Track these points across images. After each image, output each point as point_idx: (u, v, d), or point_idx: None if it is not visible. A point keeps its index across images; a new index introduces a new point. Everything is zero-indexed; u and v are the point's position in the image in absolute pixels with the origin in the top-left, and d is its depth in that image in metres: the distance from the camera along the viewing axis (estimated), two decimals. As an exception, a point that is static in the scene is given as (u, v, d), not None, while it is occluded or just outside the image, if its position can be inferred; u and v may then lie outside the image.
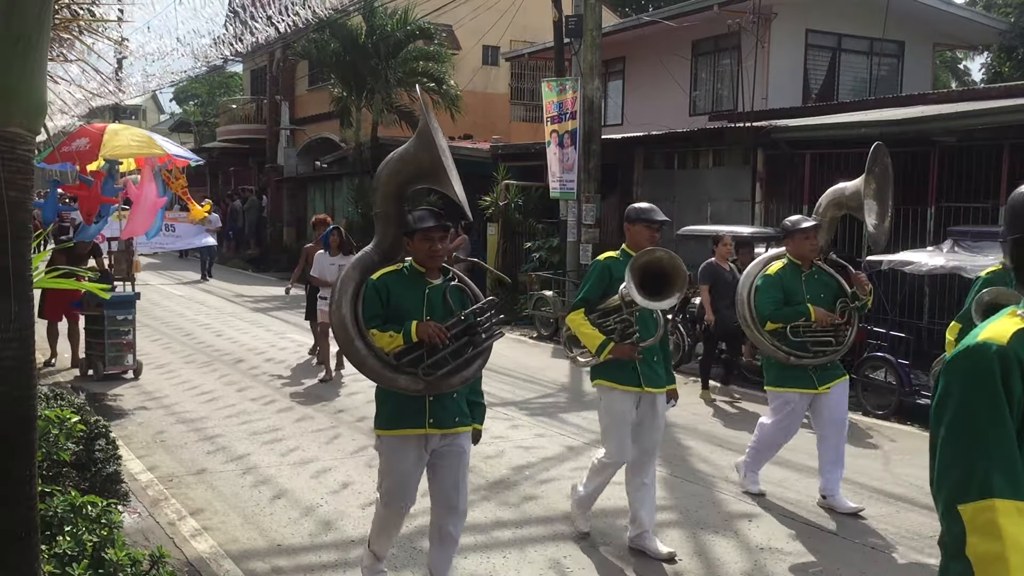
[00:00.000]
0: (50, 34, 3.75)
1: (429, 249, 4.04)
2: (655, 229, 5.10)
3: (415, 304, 4.03)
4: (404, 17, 21.00)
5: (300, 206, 27.52)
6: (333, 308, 4.01)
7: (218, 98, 47.63)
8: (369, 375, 3.99)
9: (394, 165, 4.08)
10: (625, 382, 5.01)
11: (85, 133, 9.76)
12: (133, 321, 9.93)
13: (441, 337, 3.91)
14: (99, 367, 9.72)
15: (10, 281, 3.11)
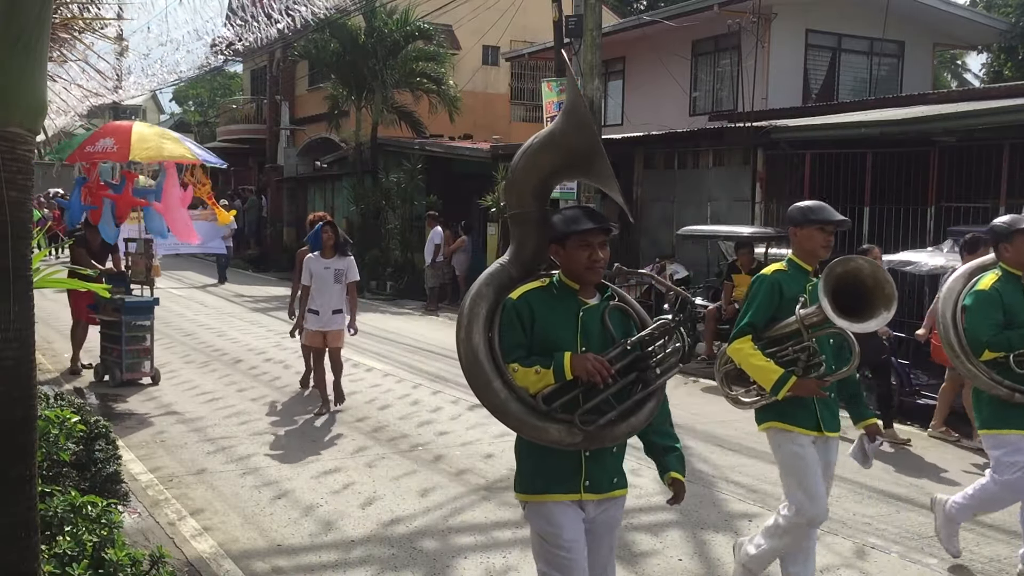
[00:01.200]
0: (50, 34, 3.75)
1: (588, 259, 3.13)
2: (830, 232, 4.16)
3: (567, 330, 3.13)
4: (404, 17, 21.01)
5: (300, 206, 27.53)
6: (461, 337, 3.07)
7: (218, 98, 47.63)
8: (511, 424, 3.04)
9: (536, 154, 3.25)
10: (803, 423, 4.12)
11: (110, 132, 9.32)
12: (151, 327, 9.59)
13: (603, 373, 2.98)
14: (116, 374, 9.39)
15: (10, 281, 3.11)
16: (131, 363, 9.41)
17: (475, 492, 6.20)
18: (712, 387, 10.09)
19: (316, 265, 8.34)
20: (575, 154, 3.13)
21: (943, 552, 5.21)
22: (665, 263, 12.98)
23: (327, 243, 8.32)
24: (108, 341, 9.58)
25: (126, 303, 9.38)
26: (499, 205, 16.14)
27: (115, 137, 9.04)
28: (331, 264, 8.31)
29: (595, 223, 3.17)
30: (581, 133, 3.07)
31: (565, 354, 3.01)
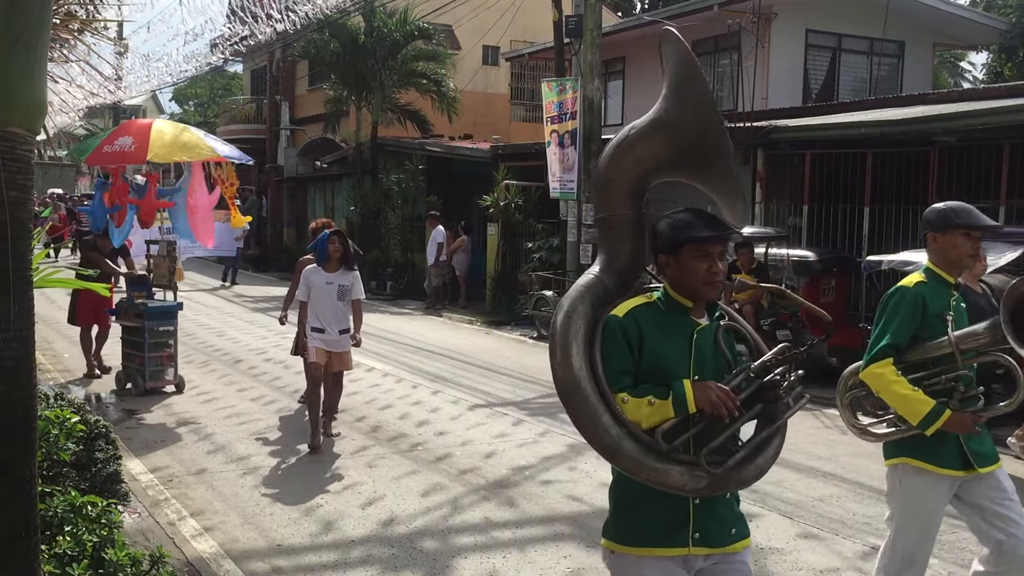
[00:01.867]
0: (50, 34, 3.75)
1: (707, 271, 2.66)
2: (977, 238, 3.65)
3: (678, 354, 2.69)
4: (404, 17, 21.01)
5: (300, 206, 27.55)
6: (558, 361, 2.63)
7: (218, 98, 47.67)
8: (624, 465, 2.55)
9: (634, 146, 2.71)
10: (946, 463, 3.62)
11: (128, 131, 8.79)
12: (175, 332, 9.16)
13: (730, 406, 2.55)
14: (139, 382, 8.99)
15: (10, 281, 3.11)
16: (154, 371, 9.02)
17: (475, 492, 6.20)
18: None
19: (317, 278, 7.24)
20: (692, 146, 2.60)
21: (943, 552, 5.21)
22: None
23: (333, 255, 7.24)
24: (130, 348, 9.17)
25: (148, 308, 8.98)
26: (499, 205, 16.15)
27: (133, 135, 8.52)
28: (334, 279, 7.25)
29: (716, 230, 2.67)
30: (701, 121, 2.54)
31: (685, 383, 2.58)
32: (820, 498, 6.20)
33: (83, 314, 9.68)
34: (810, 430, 8.02)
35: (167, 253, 9.39)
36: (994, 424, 8.51)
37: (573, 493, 6.21)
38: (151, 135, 8.39)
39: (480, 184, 17.34)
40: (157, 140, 8.36)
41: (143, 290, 9.35)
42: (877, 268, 8.98)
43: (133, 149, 8.34)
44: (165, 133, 8.56)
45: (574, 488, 6.32)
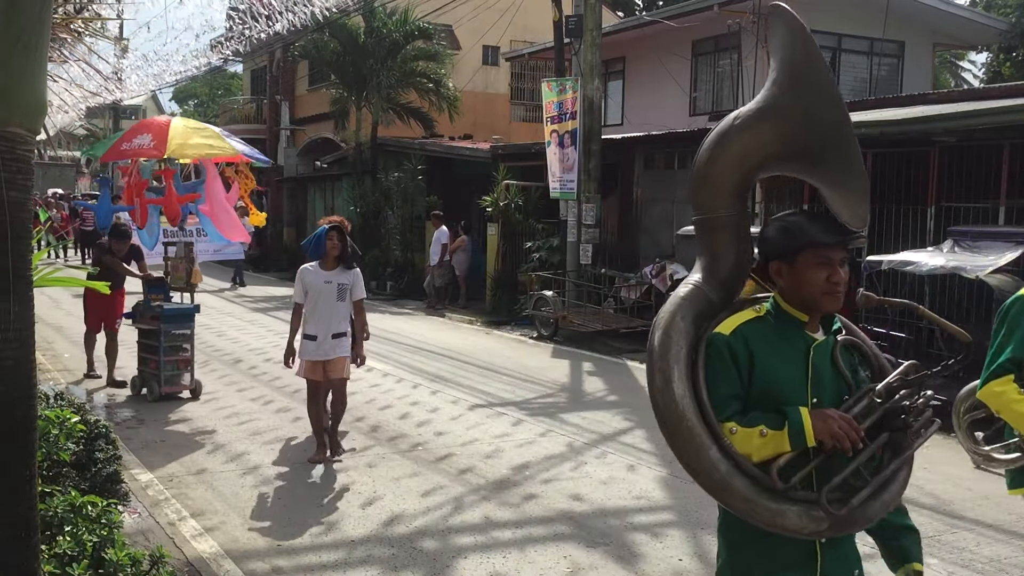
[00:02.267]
0: (50, 34, 3.75)
1: (828, 281, 2.37)
2: None
3: (793, 376, 2.38)
4: (404, 17, 21.02)
5: (300, 206, 27.56)
6: (657, 385, 2.33)
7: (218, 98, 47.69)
8: (735, 506, 2.27)
9: (739, 136, 2.39)
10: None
11: (147, 128, 8.65)
12: (192, 336, 8.92)
13: (853, 437, 2.25)
14: (154, 387, 8.70)
15: (10, 281, 3.11)
16: (170, 375, 8.75)
17: (475, 492, 6.21)
18: None
19: (314, 278, 6.69)
20: (803, 137, 2.31)
21: (943, 552, 5.22)
22: (665, 263, 12.98)
23: (330, 252, 6.69)
24: (145, 352, 8.90)
25: (164, 311, 8.70)
26: (499, 205, 16.16)
27: (152, 133, 8.40)
28: (333, 277, 6.69)
29: (838, 234, 2.38)
30: (816, 104, 2.26)
31: (802, 411, 2.28)
32: (820, 498, 6.19)
33: (92, 315, 9.58)
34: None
35: (184, 255, 9.17)
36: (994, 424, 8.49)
37: (573, 493, 6.21)
38: (170, 132, 8.31)
39: (480, 184, 17.34)
40: (176, 137, 8.29)
41: (160, 292, 9.09)
42: (877, 268, 8.98)
43: (152, 146, 8.25)
44: (184, 130, 8.50)
45: (574, 488, 6.32)
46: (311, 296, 6.69)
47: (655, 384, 2.33)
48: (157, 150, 8.23)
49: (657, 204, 14.86)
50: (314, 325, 6.68)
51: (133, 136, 8.53)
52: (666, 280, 12.52)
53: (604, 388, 10.01)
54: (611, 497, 6.14)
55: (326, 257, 6.71)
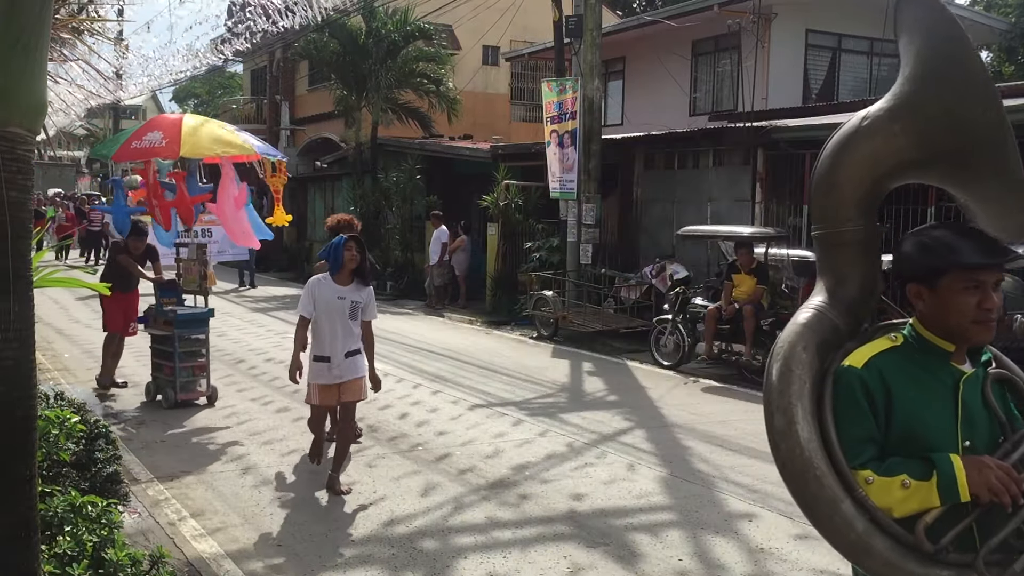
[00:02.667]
0: (50, 34, 3.75)
1: (979, 307, 2.07)
2: None
3: (940, 414, 2.08)
4: (404, 17, 21.02)
5: (300, 206, 27.54)
6: (778, 427, 2.05)
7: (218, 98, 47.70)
8: (875, 569, 2.00)
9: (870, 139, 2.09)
10: None
11: (158, 126, 8.18)
12: (207, 340, 8.69)
13: (1015, 491, 1.95)
14: (169, 394, 8.44)
15: (10, 281, 3.11)
16: (185, 382, 8.51)
17: (475, 492, 6.21)
18: (712, 387, 10.09)
19: (326, 292, 5.98)
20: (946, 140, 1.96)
21: (943, 552, 5.21)
22: (665, 263, 12.98)
23: (347, 264, 5.96)
24: (160, 358, 8.62)
25: (178, 315, 8.44)
26: (499, 205, 16.15)
27: (164, 131, 7.91)
28: (347, 294, 5.98)
29: (991, 255, 2.05)
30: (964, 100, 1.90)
31: (953, 460, 1.98)
32: (820, 498, 6.19)
33: (112, 317, 9.19)
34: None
35: (197, 256, 8.75)
36: None
37: (573, 493, 6.21)
38: (183, 129, 7.82)
39: (480, 184, 17.34)
40: (189, 135, 7.80)
41: (173, 296, 8.80)
42: (877, 268, 8.97)
43: (164, 144, 7.76)
44: (197, 127, 8.05)
45: (574, 488, 6.32)
46: (320, 311, 5.96)
47: (775, 426, 2.04)
48: (170, 149, 7.78)
49: (657, 204, 14.86)
50: (326, 345, 5.96)
51: (144, 134, 8.06)
52: (666, 280, 12.52)
53: (604, 388, 10.01)
54: (611, 497, 6.14)
55: (342, 269, 5.97)
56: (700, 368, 10.94)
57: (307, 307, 5.97)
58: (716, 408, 9.02)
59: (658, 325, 11.34)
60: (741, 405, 9.18)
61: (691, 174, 14.33)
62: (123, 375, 9.62)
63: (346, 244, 5.95)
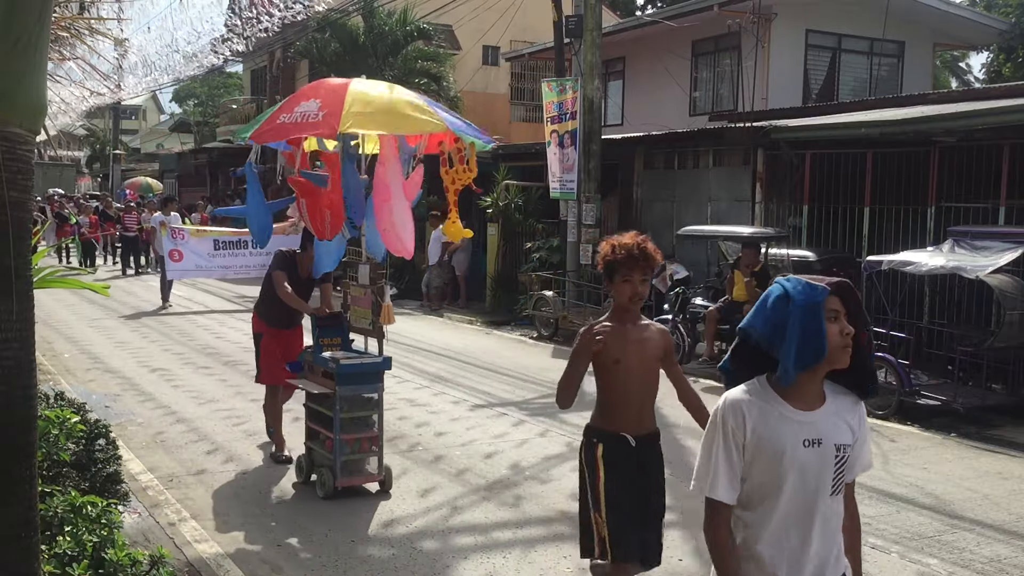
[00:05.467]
0: (50, 34, 3.75)
1: None
2: None
3: None
4: (404, 17, 21.03)
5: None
6: None
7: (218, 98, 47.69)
8: None
9: None
10: None
11: (314, 92, 5.87)
12: (380, 402, 6.17)
13: None
14: (327, 478, 5.97)
15: (11, 281, 3.11)
16: (349, 460, 6.07)
17: (475, 492, 6.20)
18: (712, 387, 10.08)
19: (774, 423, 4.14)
20: None
21: (943, 552, 5.22)
22: (665, 263, 12.99)
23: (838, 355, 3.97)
24: (315, 422, 6.25)
25: (342, 367, 5.93)
26: (499, 205, 16.14)
27: (322, 98, 5.70)
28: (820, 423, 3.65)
29: None
30: None
31: None
32: (820, 498, 6.18)
33: (268, 363, 6.89)
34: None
35: (370, 281, 6.15)
36: (993, 424, 8.51)
37: (573, 493, 6.20)
38: (347, 97, 5.64)
39: (480, 184, 17.32)
40: (356, 103, 5.60)
41: (337, 335, 6.41)
42: (877, 268, 8.98)
43: (321, 117, 5.55)
44: (368, 94, 5.78)
45: (574, 488, 6.29)
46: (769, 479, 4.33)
47: None
48: (327, 125, 5.51)
49: (657, 204, 14.86)
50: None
51: (295, 104, 5.83)
52: (666, 280, 12.52)
53: (604, 388, 10.00)
54: (611, 497, 6.14)
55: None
56: (700, 368, 10.93)
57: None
58: (716, 408, 9.01)
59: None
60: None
61: (691, 174, 14.33)
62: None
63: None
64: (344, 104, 5.54)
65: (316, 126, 5.60)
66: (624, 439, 3.84)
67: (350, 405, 6.03)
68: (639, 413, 3.93)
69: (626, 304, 3.75)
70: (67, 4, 6.38)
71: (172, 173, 40.85)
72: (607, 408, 3.89)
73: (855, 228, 11.75)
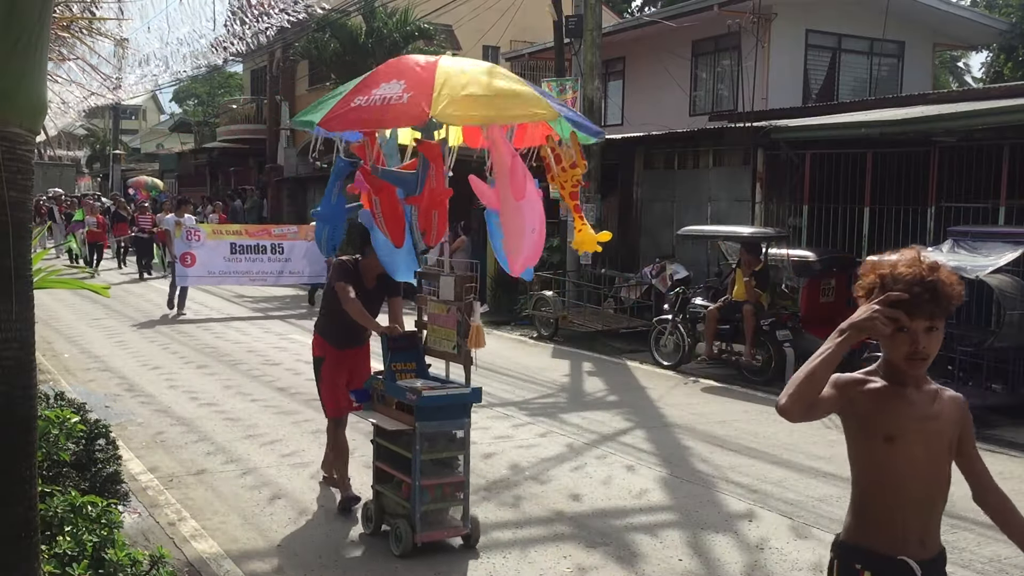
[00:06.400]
0: (50, 34, 3.75)
1: None
2: None
3: None
4: (404, 17, 21.03)
5: (300, 206, 27.57)
6: None
7: (218, 98, 47.69)
8: None
9: None
10: None
11: (397, 72, 4.92)
12: (467, 441, 5.15)
13: None
14: (404, 531, 5.00)
15: (11, 281, 3.11)
16: (431, 511, 5.11)
17: (475, 492, 6.19)
18: (712, 387, 10.09)
19: None
20: None
21: (943, 552, 5.21)
22: (665, 263, 12.98)
23: None
24: (386, 462, 5.28)
25: (424, 399, 4.91)
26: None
27: (407, 78, 4.72)
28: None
29: None
30: None
31: None
32: (820, 498, 6.20)
33: (330, 390, 5.87)
34: (810, 430, 8.02)
35: (455, 296, 5.26)
36: (993, 424, 8.51)
37: (573, 493, 6.21)
38: (437, 75, 4.65)
39: (480, 184, 17.30)
40: (450, 84, 4.57)
41: (411, 359, 5.45)
42: (877, 268, 8.97)
43: (406, 100, 4.50)
44: (464, 72, 4.72)
45: (574, 488, 6.32)
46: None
47: None
48: (414, 108, 4.45)
49: (657, 204, 14.86)
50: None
51: (372, 85, 4.88)
52: (666, 280, 12.53)
53: (604, 388, 10.01)
54: (611, 497, 6.14)
55: None
56: (700, 368, 10.94)
57: None
58: (716, 408, 9.02)
59: (658, 325, 11.34)
60: (741, 405, 9.17)
61: (691, 174, 14.33)
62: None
63: None
64: (435, 84, 4.55)
65: (400, 112, 4.52)
66: (905, 565, 2.63)
67: (432, 444, 5.05)
68: (925, 524, 2.80)
69: (901, 364, 2.46)
70: (67, 4, 6.38)
71: (172, 173, 40.88)
72: (872, 511, 2.60)
73: (855, 228, 11.75)
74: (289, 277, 16.20)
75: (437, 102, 4.41)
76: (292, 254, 15.47)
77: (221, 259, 15.54)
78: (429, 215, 4.92)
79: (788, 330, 10.16)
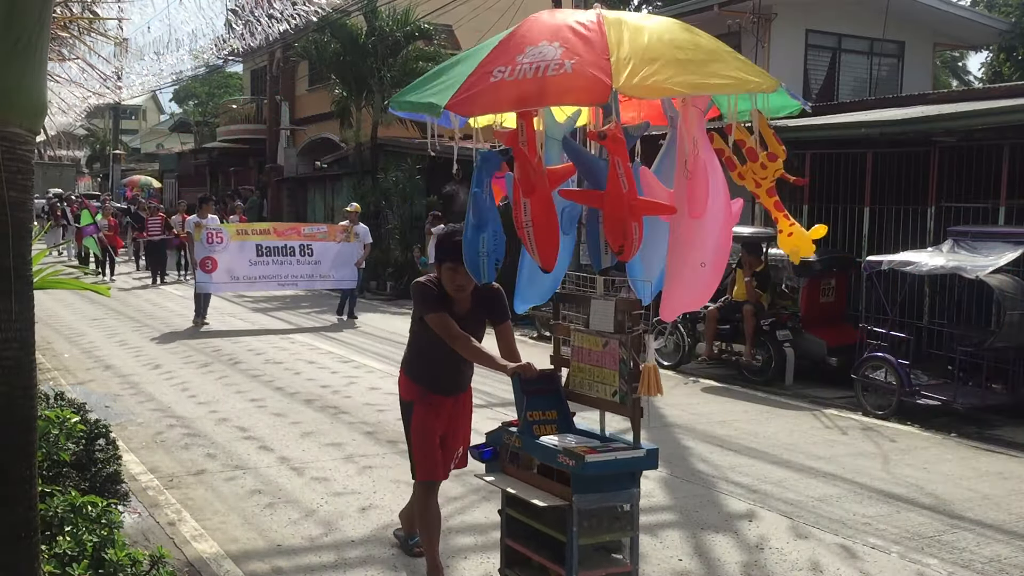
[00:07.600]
0: (50, 34, 3.75)
1: None
2: None
3: None
4: (404, 17, 21.05)
5: (300, 206, 27.57)
6: None
7: (218, 98, 47.68)
8: None
9: None
10: None
11: (550, 30, 3.67)
12: (636, 517, 3.81)
13: None
14: None
15: (11, 281, 3.11)
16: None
17: (475, 492, 6.20)
18: (712, 387, 10.09)
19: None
20: None
21: (943, 552, 5.22)
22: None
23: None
24: (520, 542, 4.03)
25: (587, 464, 3.54)
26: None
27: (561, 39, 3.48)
28: None
29: None
30: None
31: None
32: (820, 498, 6.20)
33: (424, 450, 4.61)
34: (810, 430, 8.02)
35: (616, 327, 3.79)
36: (993, 424, 8.51)
37: (573, 493, 6.21)
38: (610, 34, 3.39)
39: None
40: (634, 43, 3.34)
41: (552, 407, 4.25)
42: (877, 268, 8.98)
43: (570, 69, 3.25)
44: (641, 27, 3.48)
45: (574, 488, 6.31)
46: None
47: None
48: (586, 79, 3.22)
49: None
50: None
51: (516, 50, 3.66)
52: (666, 280, 12.52)
53: (604, 388, 9.99)
54: (611, 497, 6.14)
55: None
56: (700, 368, 10.94)
57: None
58: (716, 408, 9.02)
59: (658, 325, 11.34)
60: (741, 405, 9.17)
61: (691, 174, 14.32)
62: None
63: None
64: (610, 46, 3.30)
65: (566, 85, 3.26)
66: None
67: (594, 524, 3.69)
68: None
69: None
70: (67, 4, 6.38)
71: (172, 173, 40.90)
72: None
73: (855, 228, 11.75)
74: (320, 281, 14.97)
75: (619, 69, 3.15)
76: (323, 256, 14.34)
77: (246, 263, 14.20)
78: (620, 224, 3.42)
79: (788, 330, 10.17)
